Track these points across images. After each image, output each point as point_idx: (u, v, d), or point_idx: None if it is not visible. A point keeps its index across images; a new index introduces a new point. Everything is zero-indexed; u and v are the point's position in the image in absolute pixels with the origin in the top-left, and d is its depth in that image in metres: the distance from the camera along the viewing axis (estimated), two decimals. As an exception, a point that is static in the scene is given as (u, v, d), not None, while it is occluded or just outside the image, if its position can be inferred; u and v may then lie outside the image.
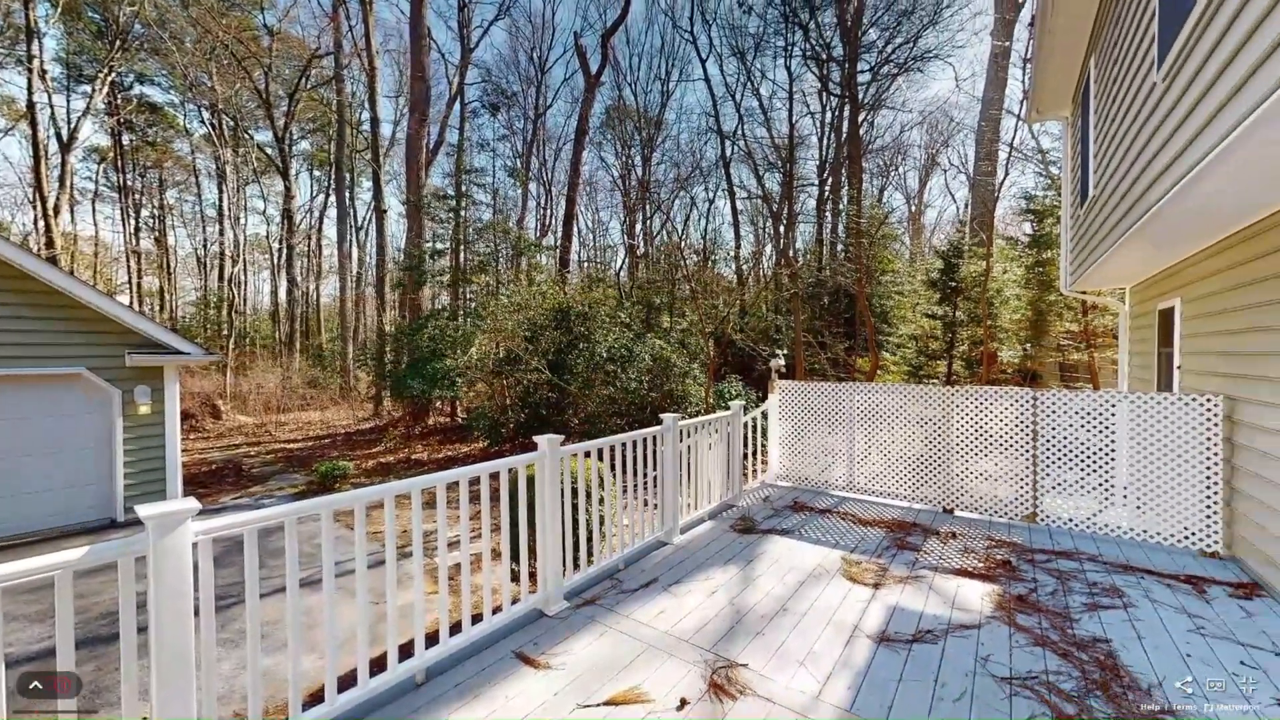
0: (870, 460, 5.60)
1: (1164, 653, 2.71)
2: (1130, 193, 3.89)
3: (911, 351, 15.40)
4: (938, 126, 24.31)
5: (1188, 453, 4.09)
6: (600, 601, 3.27)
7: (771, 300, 19.51)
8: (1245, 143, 2.28)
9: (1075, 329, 13.10)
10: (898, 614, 3.13)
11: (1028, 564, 3.85)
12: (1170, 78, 3.01)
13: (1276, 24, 1.86)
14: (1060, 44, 5.81)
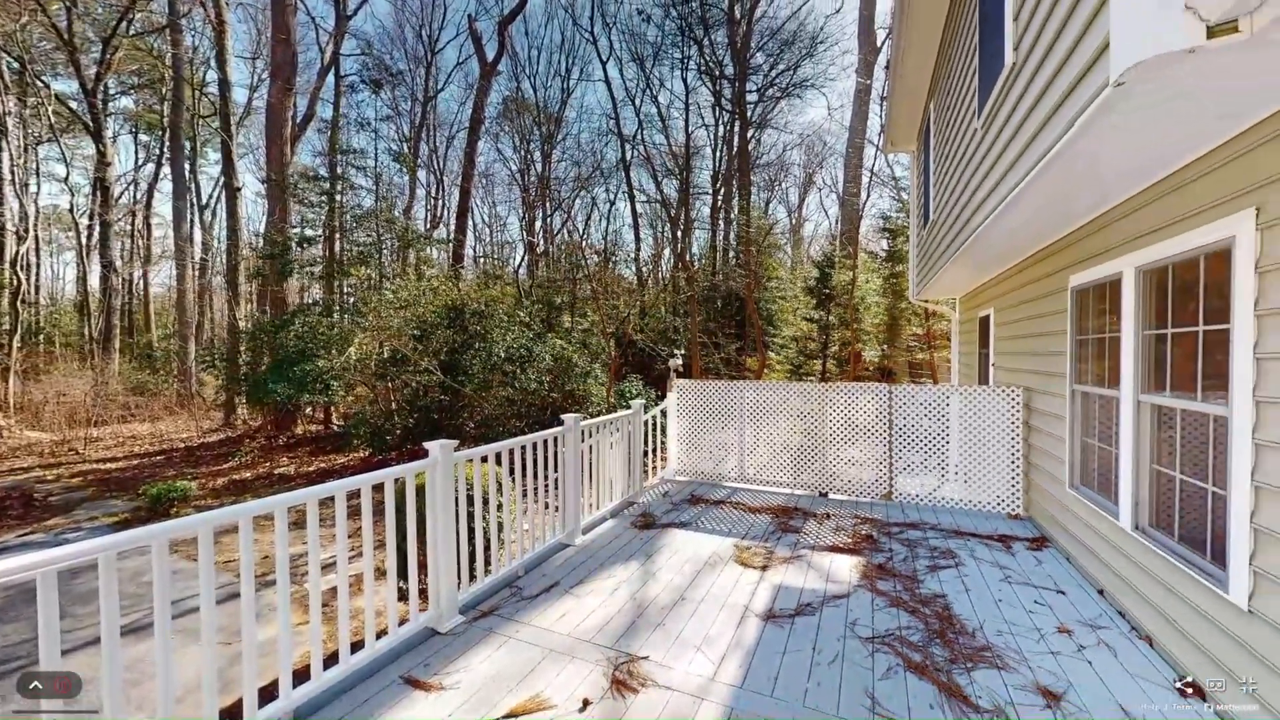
0: (758, 452, 6.05)
1: (983, 600, 3.28)
2: (958, 220, 4.65)
3: (793, 351, 16.94)
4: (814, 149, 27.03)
5: (1000, 435, 5.00)
6: (499, 611, 3.15)
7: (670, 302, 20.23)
8: (1034, 185, 2.84)
9: (920, 332, 15.34)
10: (782, 592, 3.42)
11: (885, 536, 4.43)
12: (986, 125, 3.66)
13: (1055, 95, 2.35)
14: (908, 88, 6.77)
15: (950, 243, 5.10)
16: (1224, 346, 2.24)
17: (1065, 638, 2.85)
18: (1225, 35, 1.54)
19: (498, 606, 3.21)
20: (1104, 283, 3.37)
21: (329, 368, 10.89)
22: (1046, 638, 2.86)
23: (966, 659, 2.66)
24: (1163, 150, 2.39)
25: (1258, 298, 2.05)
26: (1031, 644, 2.80)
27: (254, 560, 2.07)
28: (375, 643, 2.58)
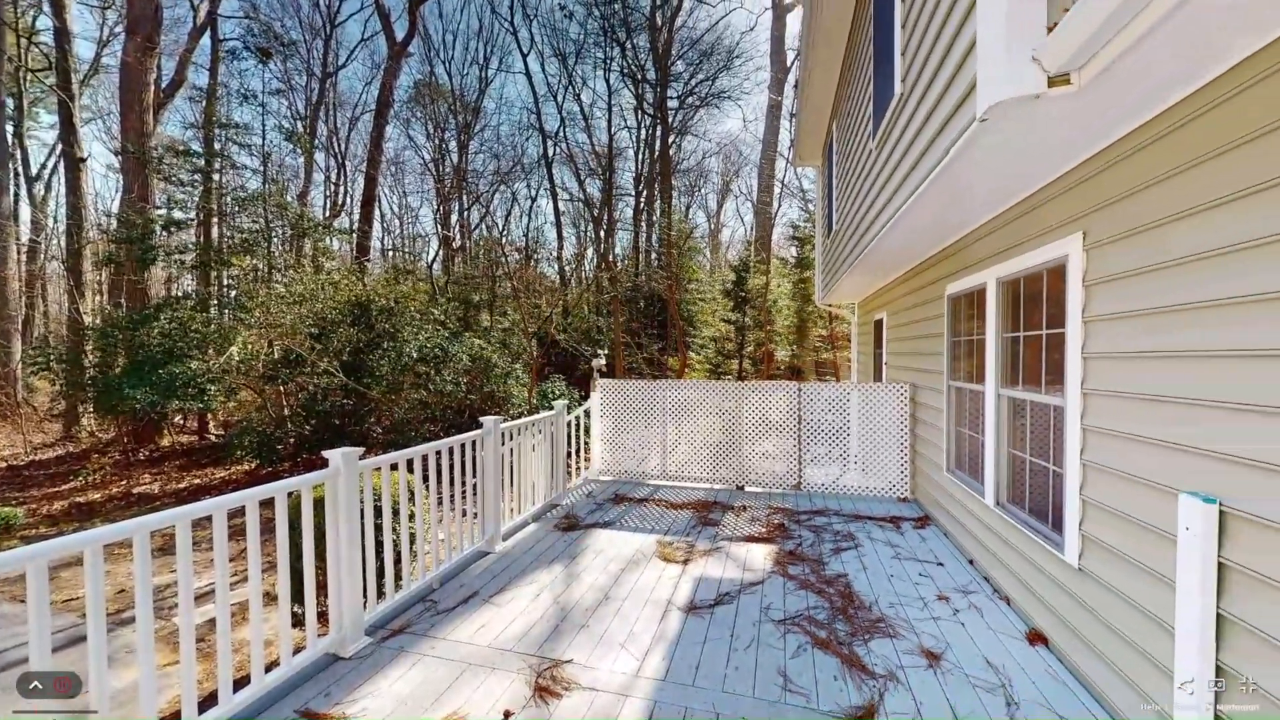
0: (680, 449, 6.22)
1: (878, 576, 3.63)
2: (856, 231, 5.10)
3: (712, 351, 17.62)
4: (731, 158, 28.28)
5: (891, 427, 5.55)
6: (412, 629, 2.96)
7: (593, 302, 20.18)
8: (919, 202, 3.19)
9: (825, 334, 16.63)
10: (703, 584, 3.54)
11: (795, 524, 4.74)
12: (880, 146, 4.04)
13: (935, 124, 2.66)
14: (814, 107, 7.31)
15: (850, 252, 5.57)
16: (1061, 347, 2.66)
17: (944, 604, 3.23)
18: (1061, 86, 1.83)
19: (410, 624, 3.01)
20: (973, 291, 3.87)
21: (205, 370, 9.58)
22: (929, 605, 3.22)
23: (864, 631, 2.92)
24: (1016, 178, 2.79)
25: (1085, 306, 2.46)
26: (917, 612, 3.14)
27: (107, 595, 1.76)
28: (264, 677, 2.31)
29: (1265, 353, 1.57)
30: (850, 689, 2.43)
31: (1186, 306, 1.86)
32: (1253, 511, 1.59)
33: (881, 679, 2.50)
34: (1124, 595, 2.16)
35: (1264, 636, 1.55)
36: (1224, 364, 1.71)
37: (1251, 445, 1.60)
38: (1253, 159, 1.60)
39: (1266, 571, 1.55)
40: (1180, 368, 1.89)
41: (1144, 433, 2.06)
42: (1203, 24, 1.47)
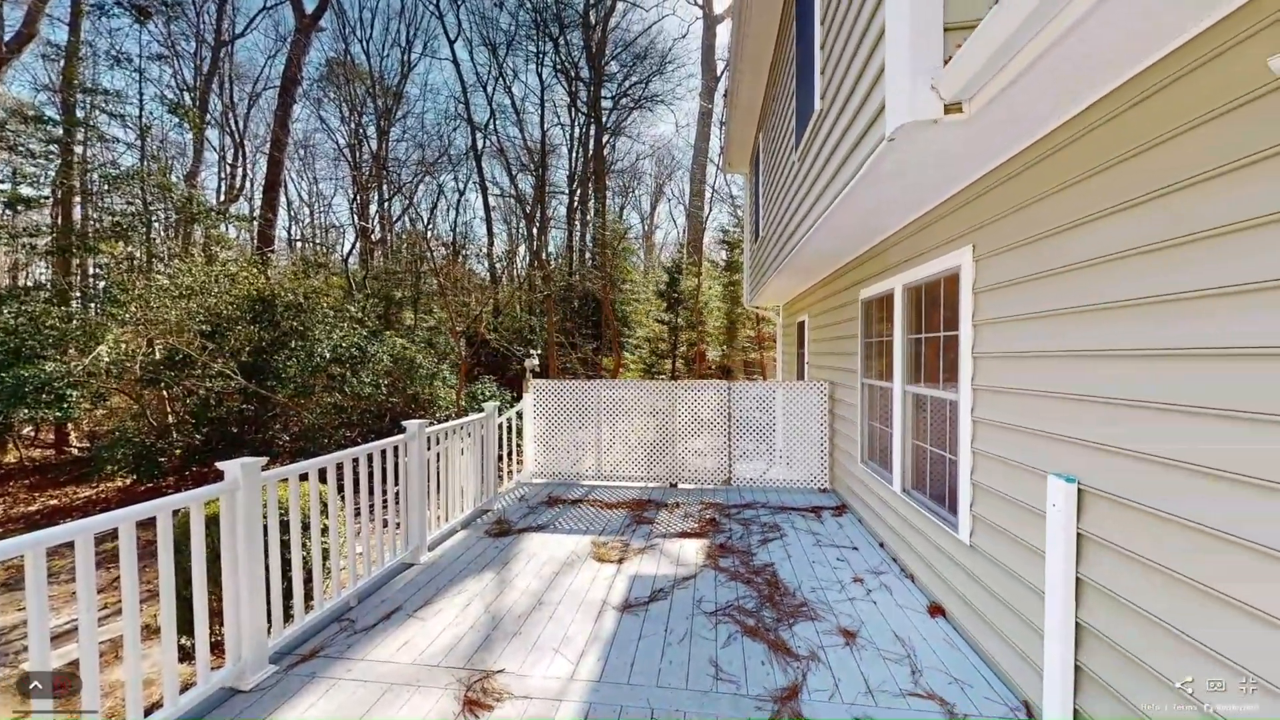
0: (615, 449, 6.23)
1: (801, 564, 3.85)
2: (781, 237, 5.38)
3: (646, 351, 17.83)
4: (664, 161, 28.79)
5: (813, 422, 5.91)
6: (325, 652, 2.73)
7: (526, 301, 19.72)
8: (837, 212, 3.43)
9: (753, 334, 17.38)
10: (638, 581, 3.58)
11: (726, 518, 4.92)
12: (802, 158, 4.29)
13: (850, 140, 2.86)
14: (742, 117, 7.61)
15: (775, 257, 5.87)
16: (955, 348, 2.96)
17: (859, 585, 3.49)
18: (955, 113, 2.05)
19: (323, 647, 2.78)
20: (883, 296, 4.21)
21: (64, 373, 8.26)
22: (845, 587, 3.47)
23: (789, 616, 3.09)
24: (919, 193, 3.07)
25: (974, 312, 2.76)
26: (835, 594, 3.37)
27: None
28: (144, 721, 2.03)
29: (1108, 352, 1.84)
30: (776, 672, 2.56)
31: (1049, 313, 2.14)
32: (1102, 488, 1.87)
33: (804, 660, 2.66)
34: (1005, 566, 2.45)
35: (1109, 593, 1.82)
36: (1078, 362, 1.99)
37: (1101, 431, 1.88)
38: (1102, 189, 1.87)
39: (1111, 538, 1.82)
40: (1046, 365, 2.17)
41: (1020, 423, 2.35)
42: (1064, 70, 1.70)
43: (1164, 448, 1.62)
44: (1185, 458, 1.54)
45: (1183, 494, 1.55)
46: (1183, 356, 1.56)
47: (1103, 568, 1.86)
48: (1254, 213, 1.35)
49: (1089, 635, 1.93)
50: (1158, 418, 1.64)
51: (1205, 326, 1.49)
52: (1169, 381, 1.61)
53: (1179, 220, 1.56)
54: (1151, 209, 1.66)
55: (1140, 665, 1.69)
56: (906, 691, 2.41)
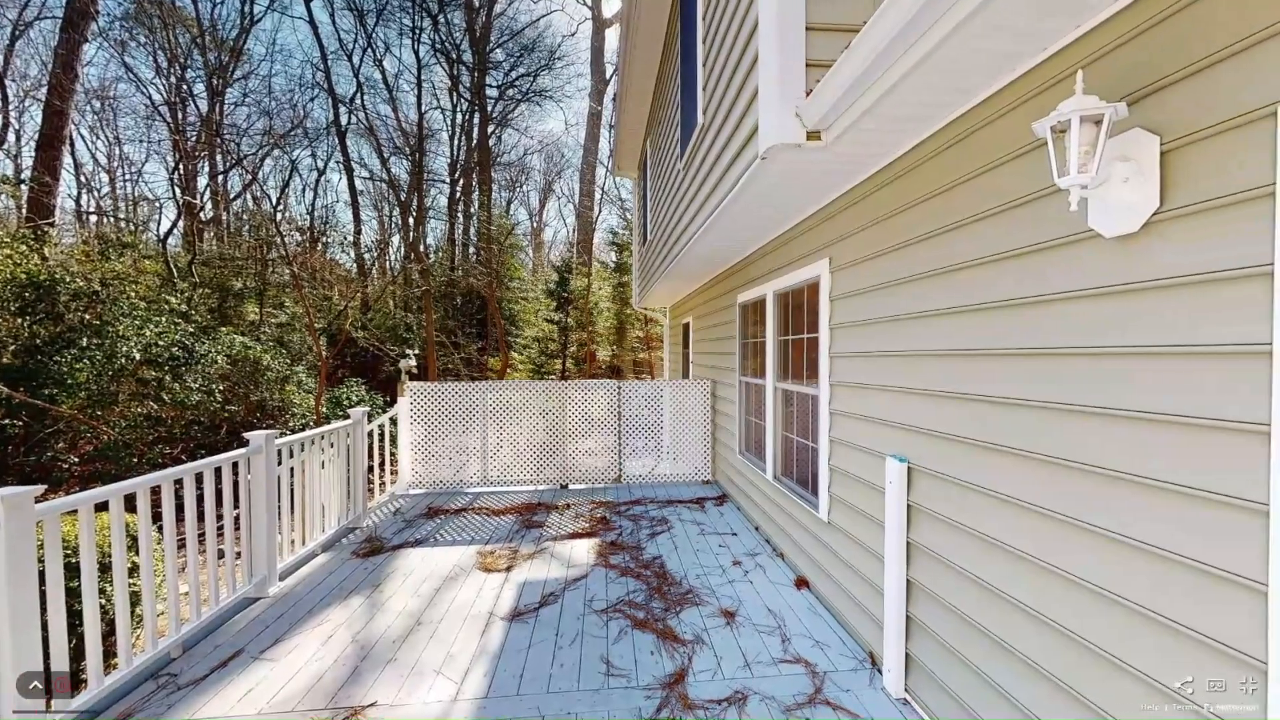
0: (502, 453, 5.99)
1: (687, 553, 4.05)
2: (667, 242, 5.61)
3: (535, 351, 17.42)
4: (553, 158, 28.34)
5: (697, 418, 6.25)
6: (136, 718, 2.24)
7: (401, 296, 18.10)
8: (718, 221, 3.67)
9: (642, 335, 17.89)
10: (527, 588, 3.48)
11: (616, 515, 4.99)
12: (686, 168, 4.51)
13: (729, 155, 3.08)
14: (631, 122, 7.79)
15: (662, 261, 6.10)
16: (816, 348, 3.34)
17: (737, 568, 3.78)
18: (815, 140, 2.31)
19: (134, 711, 2.28)
20: (757, 301, 4.60)
21: None
22: (726, 571, 3.72)
23: (676, 604, 3.24)
24: (789, 207, 3.41)
25: (831, 316, 3.14)
26: (718, 579, 3.60)
27: None
28: None
29: (927, 353, 2.22)
30: (665, 659, 2.66)
31: (888, 318, 2.52)
32: (926, 465, 2.24)
33: (690, 644, 2.80)
34: (855, 538, 2.83)
35: (931, 552, 2.19)
36: (909, 360, 2.37)
37: (925, 418, 2.25)
38: (923, 216, 2.25)
39: (932, 506, 2.19)
40: (886, 363, 2.55)
41: (867, 413, 2.73)
42: (897, 113, 2.01)
43: (969, 430, 1.99)
44: (984, 437, 1.91)
45: (982, 468, 1.92)
46: (978, 356, 1.94)
47: (926, 532, 2.24)
48: (1023, 242, 1.72)
49: (917, 590, 2.30)
50: (965, 405, 2.01)
51: (990, 331, 1.86)
52: (970, 375, 1.98)
53: (983, 244, 1.93)
54: (959, 235, 2.03)
55: (953, 610, 2.06)
56: (778, 659, 2.66)
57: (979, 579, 1.91)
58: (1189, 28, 1.24)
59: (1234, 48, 1.16)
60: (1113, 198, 1.38)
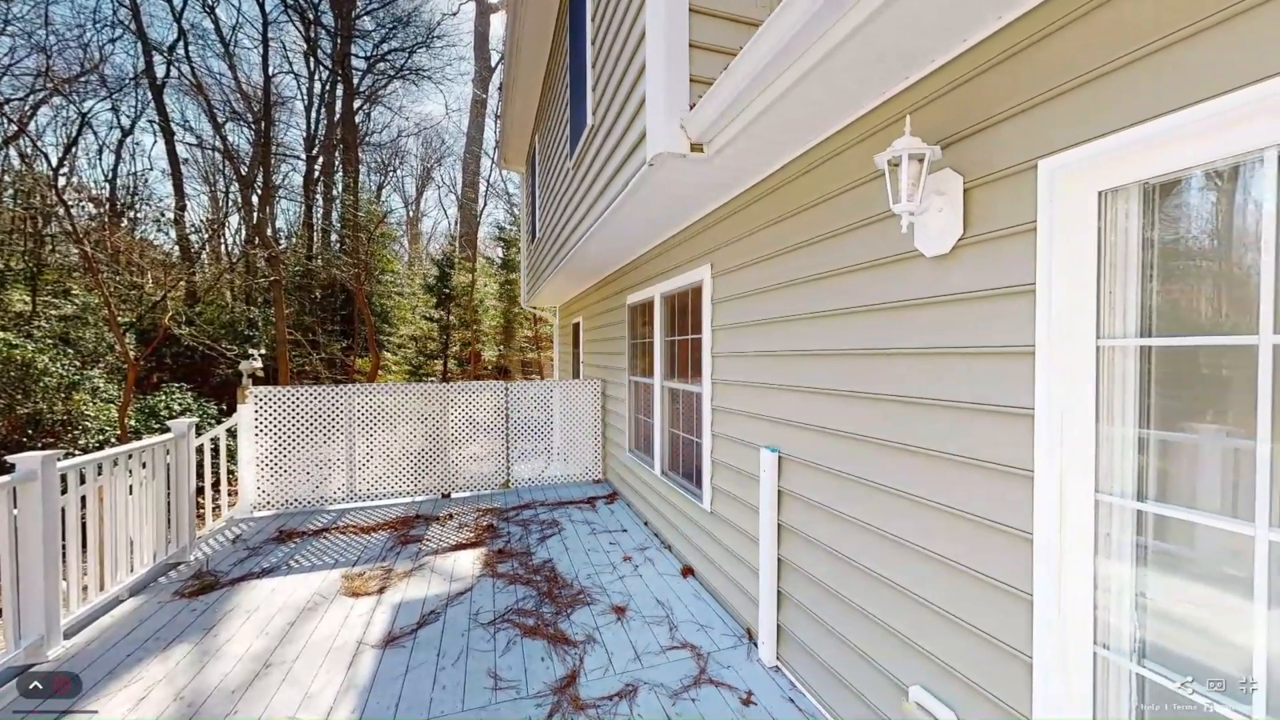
0: (373, 464, 5.43)
1: (578, 554, 4.04)
2: (557, 241, 5.54)
3: (412, 351, 16.06)
4: (432, 144, 26.35)
5: (588, 418, 6.25)
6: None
7: (242, 287, 15.51)
8: (607, 223, 3.71)
9: (531, 335, 17.42)
10: (404, 609, 3.19)
11: (504, 522, 4.80)
12: (576, 168, 4.49)
13: (618, 158, 3.14)
14: (518, 115, 7.55)
15: (552, 260, 6.01)
16: (700, 348, 3.54)
17: (628, 564, 3.86)
18: (698, 151, 2.44)
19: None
20: (646, 303, 4.74)
21: None
22: (617, 568, 3.78)
23: (567, 606, 3.21)
24: (676, 212, 3.56)
25: (712, 318, 3.35)
26: (609, 576, 3.64)
27: None
28: None
29: (795, 352, 2.47)
30: (556, 664, 2.63)
31: (762, 321, 2.76)
32: (794, 454, 2.49)
33: (582, 644, 2.80)
34: (734, 524, 3.05)
35: (798, 531, 2.45)
36: (780, 360, 2.61)
37: (793, 411, 2.51)
38: (790, 230, 2.50)
39: (798, 490, 2.45)
40: (761, 362, 2.79)
41: (744, 408, 2.96)
42: (768, 136, 2.21)
43: (828, 420, 2.25)
44: (839, 426, 2.18)
45: (838, 453, 2.19)
46: (835, 356, 2.20)
47: (794, 513, 2.49)
48: (870, 257, 1.99)
49: (786, 566, 2.55)
50: (826, 399, 2.28)
51: (845, 334, 2.14)
52: (829, 373, 2.24)
53: (840, 257, 2.20)
54: (821, 247, 2.29)
55: (815, 582, 2.32)
56: (666, 647, 2.77)
57: (836, 551, 2.18)
58: (979, 93, 1.55)
59: (1007, 113, 1.46)
60: (931, 224, 1.66)
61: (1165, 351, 1.20)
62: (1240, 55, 1.03)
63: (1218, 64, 1.06)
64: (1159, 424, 1.22)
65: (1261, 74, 1.00)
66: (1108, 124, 1.23)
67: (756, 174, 2.70)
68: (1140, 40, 1.18)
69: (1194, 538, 1.19)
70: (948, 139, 1.64)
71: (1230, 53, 1.04)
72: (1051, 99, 1.36)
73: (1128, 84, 1.20)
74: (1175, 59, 1.12)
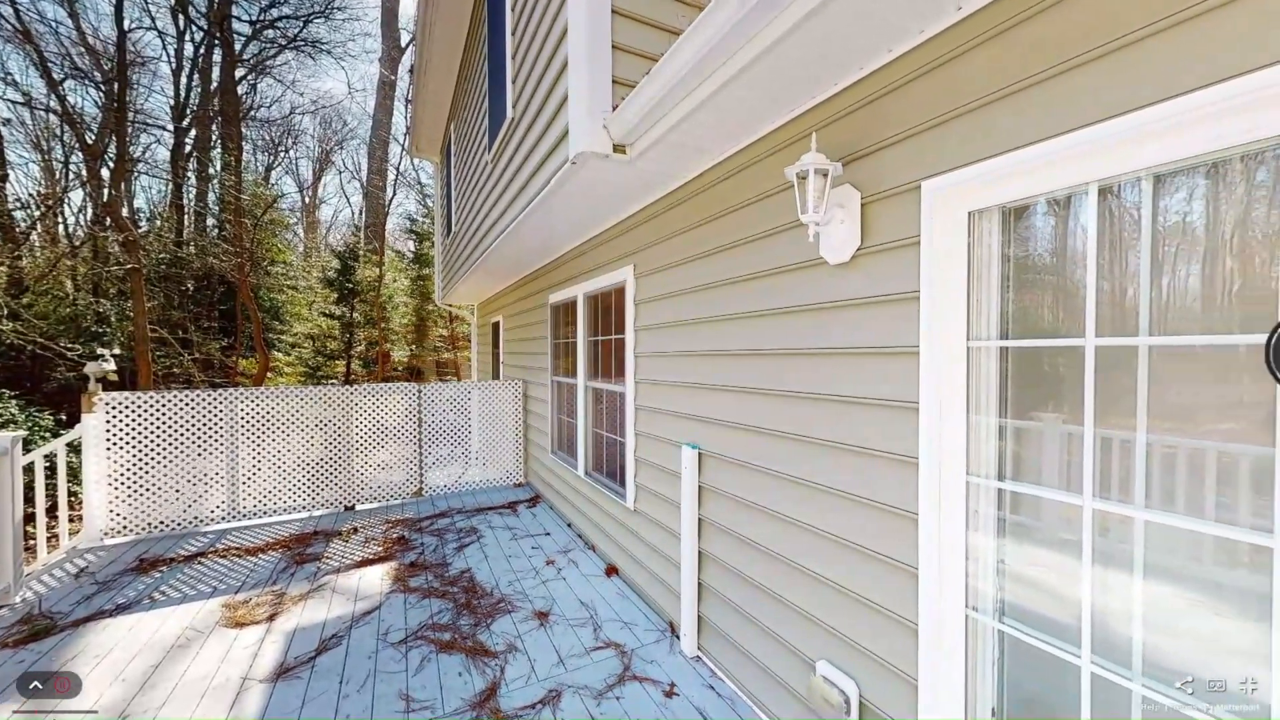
0: (261, 477, 4.85)
1: (499, 561, 3.90)
2: (475, 237, 5.31)
3: (309, 351, 14.59)
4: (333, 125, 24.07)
5: (509, 420, 6.06)
6: None
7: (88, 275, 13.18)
8: (528, 221, 3.62)
9: (446, 334, 16.54)
10: (299, 636, 2.89)
11: (417, 533, 4.52)
12: (495, 161, 4.33)
13: (540, 154, 3.07)
14: (432, 101, 7.13)
15: (469, 256, 5.75)
16: (623, 348, 3.56)
17: (551, 567, 3.79)
18: (621, 153, 2.46)
19: None
20: (569, 302, 4.68)
21: None
22: (540, 572, 3.70)
23: (487, 616, 3.08)
24: (600, 212, 3.55)
25: (635, 318, 3.38)
26: (531, 582, 3.55)
27: None
28: None
29: (714, 352, 2.57)
30: (475, 677, 2.52)
31: (682, 322, 2.84)
32: (712, 449, 2.59)
33: (503, 654, 2.70)
34: (657, 520, 3.11)
35: (716, 524, 2.55)
36: (700, 360, 2.70)
37: (711, 409, 2.60)
38: (712, 232, 2.59)
39: (716, 484, 2.55)
40: (682, 362, 2.87)
41: (666, 407, 3.02)
42: (685, 143, 2.28)
43: (742, 416, 2.36)
44: (752, 421, 2.30)
45: (749, 447, 2.31)
46: (750, 356, 2.32)
47: (712, 507, 2.59)
48: (784, 262, 2.12)
49: (706, 558, 2.65)
50: (741, 396, 2.39)
51: (760, 334, 2.26)
52: (745, 371, 2.36)
53: (756, 261, 2.32)
54: (738, 251, 2.40)
55: (731, 570, 2.43)
56: (590, 648, 2.76)
57: (751, 540, 2.30)
58: (874, 117, 1.71)
59: (897, 137, 1.63)
60: (834, 234, 1.81)
61: (1018, 351, 1.40)
62: (1068, 105, 1.23)
63: (1052, 111, 1.25)
64: (1014, 414, 1.42)
65: (1084, 121, 1.20)
66: (975, 154, 1.41)
67: (678, 178, 2.77)
68: (997, 84, 1.37)
69: (1040, 510, 1.40)
70: (849, 156, 1.79)
71: (1061, 102, 1.24)
72: (932, 127, 1.53)
73: (990, 120, 1.39)
74: (1022, 103, 1.32)
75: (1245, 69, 0.98)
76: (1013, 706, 1.44)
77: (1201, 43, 1.04)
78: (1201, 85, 1.03)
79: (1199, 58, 1.04)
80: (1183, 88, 1.06)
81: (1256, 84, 0.97)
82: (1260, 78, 0.96)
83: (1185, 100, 1.05)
